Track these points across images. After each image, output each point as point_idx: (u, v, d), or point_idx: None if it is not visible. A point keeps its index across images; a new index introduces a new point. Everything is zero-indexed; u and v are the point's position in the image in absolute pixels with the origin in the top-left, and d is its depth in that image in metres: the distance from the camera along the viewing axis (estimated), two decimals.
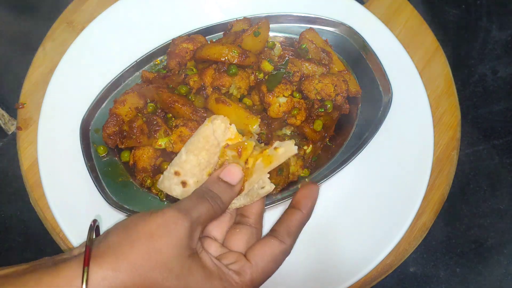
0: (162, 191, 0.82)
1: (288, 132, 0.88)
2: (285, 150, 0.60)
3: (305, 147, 0.88)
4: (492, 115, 1.04)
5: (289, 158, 0.84)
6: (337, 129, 0.92)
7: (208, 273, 0.54)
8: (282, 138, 0.85)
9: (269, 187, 0.61)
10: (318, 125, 0.87)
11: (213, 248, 0.60)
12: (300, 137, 0.89)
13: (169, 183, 0.60)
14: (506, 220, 0.95)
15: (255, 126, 0.78)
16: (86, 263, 0.48)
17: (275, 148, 0.60)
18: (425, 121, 0.95)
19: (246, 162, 0.60)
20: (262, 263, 0.57)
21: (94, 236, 0.56)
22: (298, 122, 0.85)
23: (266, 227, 0.89)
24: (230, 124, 0.61)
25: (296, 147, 0.60)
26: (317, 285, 0.85)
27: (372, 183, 0.92)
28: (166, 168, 0.61)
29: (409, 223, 0.88)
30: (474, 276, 0.91)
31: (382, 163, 0.93)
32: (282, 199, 0.85)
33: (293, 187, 0.87)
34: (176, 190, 0.60)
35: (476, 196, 0.97)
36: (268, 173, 0.61)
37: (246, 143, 0.60)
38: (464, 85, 1.05)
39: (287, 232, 0.60)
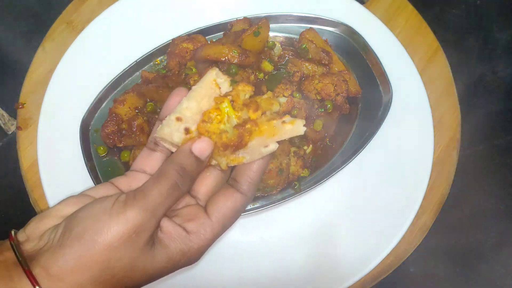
0: None
1: None
2: (293, 128, 0.58)
3: (305, 147, 0.88)
4: (492, 115, 1.04)
5: (289, 159, 0.84)
6: (337, 129, 0.92)
7: (170, 253, 0.52)
8: None
9: (274, 146, 0.58)
10: (318, 125, 0.87)
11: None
12: (300, 137, 0.88)
13: (170, 130, 0.57)
14: (506, 220, 0.95)
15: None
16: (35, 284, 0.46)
17: (283, 122, 0.59)
18: (425, 121, 0.95)
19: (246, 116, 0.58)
20: (223, 218, 0.55)
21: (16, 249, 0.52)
22: None
23: (267, 228, 0.90)
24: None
25: (305, 128, 0.58)
26: (317, 285, 0.85)
27: (372, 183, 0.92)
28: None
29: (409, 223, 0.88)
30: (474, 276, 0.91)
31: (382, 163, 0.93)
32: (282, 199, 0.85)
33: (293, 187, 0.87)
34: (177, 137, 0.57)
35: (476, 196, 0.97)
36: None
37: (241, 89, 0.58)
38: (464, 85, 1.05)
39: (249, 184, 0.58)
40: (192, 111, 0.58)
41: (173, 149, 0.59)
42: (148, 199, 0.51)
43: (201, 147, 0.55)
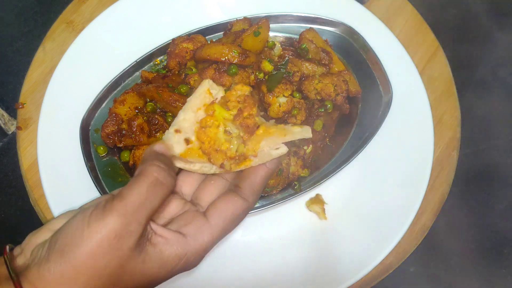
0: None
1: None
2: (302, 130, 0.59)
3: (305, 147, 0.88)
4: (492, 115, 1.04)
5: (289, 159, 0.84)
6: (337, 129, 0.92)
7: (164, 258, 0.51)
8: None
9: (284, 149, 0.58)
10: (318, 125, 0.87)
11: (174, 206, 0.57)
12: None
13: (170, 142, 0.57)
14: (506, 220, 0.95)
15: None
16: None
17: (292, 125, 0.59)
18: (425, 121, 0.95)
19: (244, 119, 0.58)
20: (223, 223, 0.54)
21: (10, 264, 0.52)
22: (298, 122, 0.85)
23: (267, 228, 0.90)
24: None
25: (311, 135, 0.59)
26: (317, 285, 0.85)
27: (372, 183, 0.92)
28: None
29: (409, 223, 0.88)
30: (475, 276, 0.91)
31: (382, 163, 0.93)
32: (282, 199, 0.85)
33: (293, 187, 0.87)
34: (178, 149, 0.57)
35: (476, 196, 0.97)
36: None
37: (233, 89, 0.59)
38: (464, 85, 1.05)
39: (251, 190, 0.56)
40: (190, 121, 0.59)
41: (180, 164, 0.59)
42: (126, 202, 0.48)
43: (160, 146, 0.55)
